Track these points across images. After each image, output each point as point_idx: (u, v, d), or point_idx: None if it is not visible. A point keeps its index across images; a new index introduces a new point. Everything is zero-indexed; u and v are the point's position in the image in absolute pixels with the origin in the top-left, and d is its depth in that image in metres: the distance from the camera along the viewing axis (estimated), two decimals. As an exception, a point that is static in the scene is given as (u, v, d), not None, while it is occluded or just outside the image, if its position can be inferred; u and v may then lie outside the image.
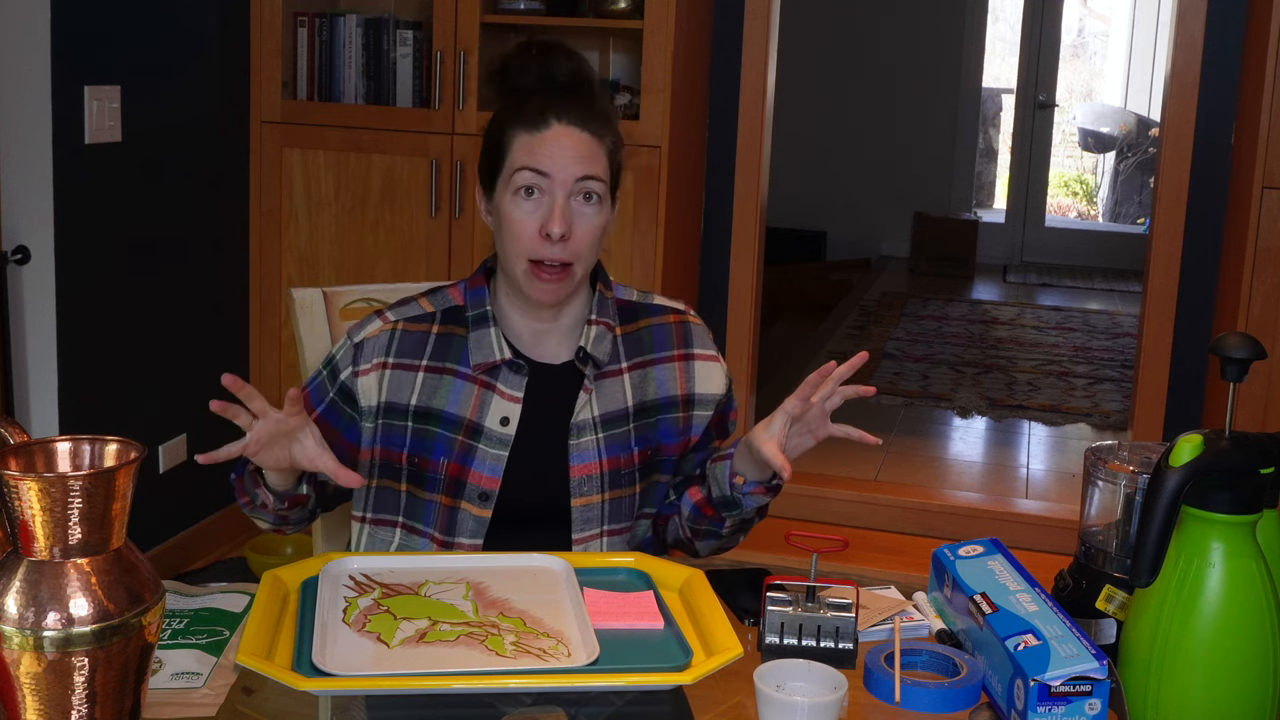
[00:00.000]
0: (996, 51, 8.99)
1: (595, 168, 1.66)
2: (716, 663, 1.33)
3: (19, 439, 1.21)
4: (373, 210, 3.56)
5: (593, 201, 1.66)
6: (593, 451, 1.71)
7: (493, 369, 1.70)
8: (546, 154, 1.64)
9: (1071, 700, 1.28)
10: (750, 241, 3.77)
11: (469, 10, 3.42)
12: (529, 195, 1.65)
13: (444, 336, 1.72)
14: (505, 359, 1.69)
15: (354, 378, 1.70)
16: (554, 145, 1.64)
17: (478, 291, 1.73)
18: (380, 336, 1.71)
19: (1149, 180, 8.45)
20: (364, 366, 1.69)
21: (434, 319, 1.73)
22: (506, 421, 1.69)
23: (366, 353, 1.70)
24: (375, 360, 1.69)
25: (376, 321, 1.73)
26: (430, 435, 1.69)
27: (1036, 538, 3.56)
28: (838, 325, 6.37)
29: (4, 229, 2.90)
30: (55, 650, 1.10)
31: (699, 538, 1.74)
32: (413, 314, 1.73)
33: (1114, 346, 6.17)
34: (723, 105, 3.76)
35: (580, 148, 1.65)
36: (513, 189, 1.66)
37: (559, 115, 1.65)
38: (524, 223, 1.65)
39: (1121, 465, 1.54)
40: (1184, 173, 3.52)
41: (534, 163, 1.64)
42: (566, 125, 1.65)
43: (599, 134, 1.67)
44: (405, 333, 1.71)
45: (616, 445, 1.72)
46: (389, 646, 1.36)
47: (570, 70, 1.69)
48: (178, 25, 3.29)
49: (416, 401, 1.69)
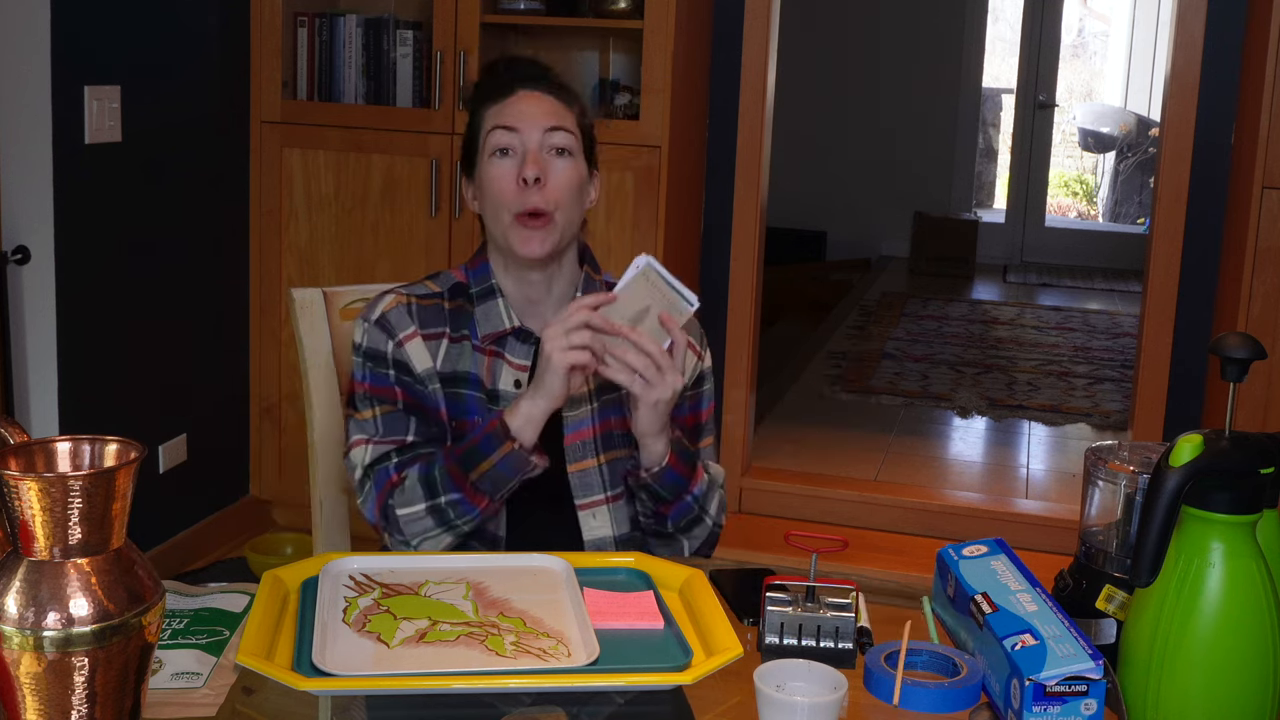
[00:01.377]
0: (996, 51, 8.99)
1: (564, 121, 1.74)
2: (717, 663, 1.33)
3: (19, 439, 1.21)
4: (373, 210, 3.56)
5: (564, 156, 1.73)
6: (587, 420, 1.77)
7: (500, 339, 1.75)
8: (514, 112, 1.73)
9: (1067, 700, 1.28)
10: (750, 241, 3.77)
11: (469, 10, 3.42)
12: (504, 155, 1.72)
13: (456, 310, 1.77)
14: (515, 327, 1.75)
15: (399, 348, 1.74)
16: (521, 104, 1.74)
17: (480, 268, 1.79)
18: (399, 308, 1.76)
19: (1149, 180, 8.45)
20: (402, 335, 1.74)
21: (442, 295, 1.78)
22: (519, 385, 1.74)
23: (395, 323, 1.74)
24: (409, 329, 1.74)
25: (388, 297, 1.78)
26: (461, 398, 1.74)
27: (1036, 538, 3.56)
28: (838, 325, 6.37)
29: (4, 229, 2.90)
30: (55, 650, 1.10)
31: (650, 534, 1.78)
32: (421, 292, 1.79)
33: (1114, 346, 6.17)
34: (723, 105, 3.76)
35: (545, 104, 1.74)
36: (488, 153, 1.73)
37: (523, 84, 1.76)
38: (501, 178, 1.72)
39: (1121, 465, 1.54)
40: (1184, 173, 3.52)
41: (503, 120, 1.72)
42: (530, 90, 1.75)
43: (564, 99, 1.76)
44: (421, 306, 1.76)
45: (609, 409, 1.78)
46: (389, 646, 1.36)
47: (533, 63, 1.81)
48: (178, 25, 3.29)
49: (441, 367, 1.74)
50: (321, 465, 1.95)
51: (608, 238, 3.41)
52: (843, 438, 4.45)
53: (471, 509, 1.66)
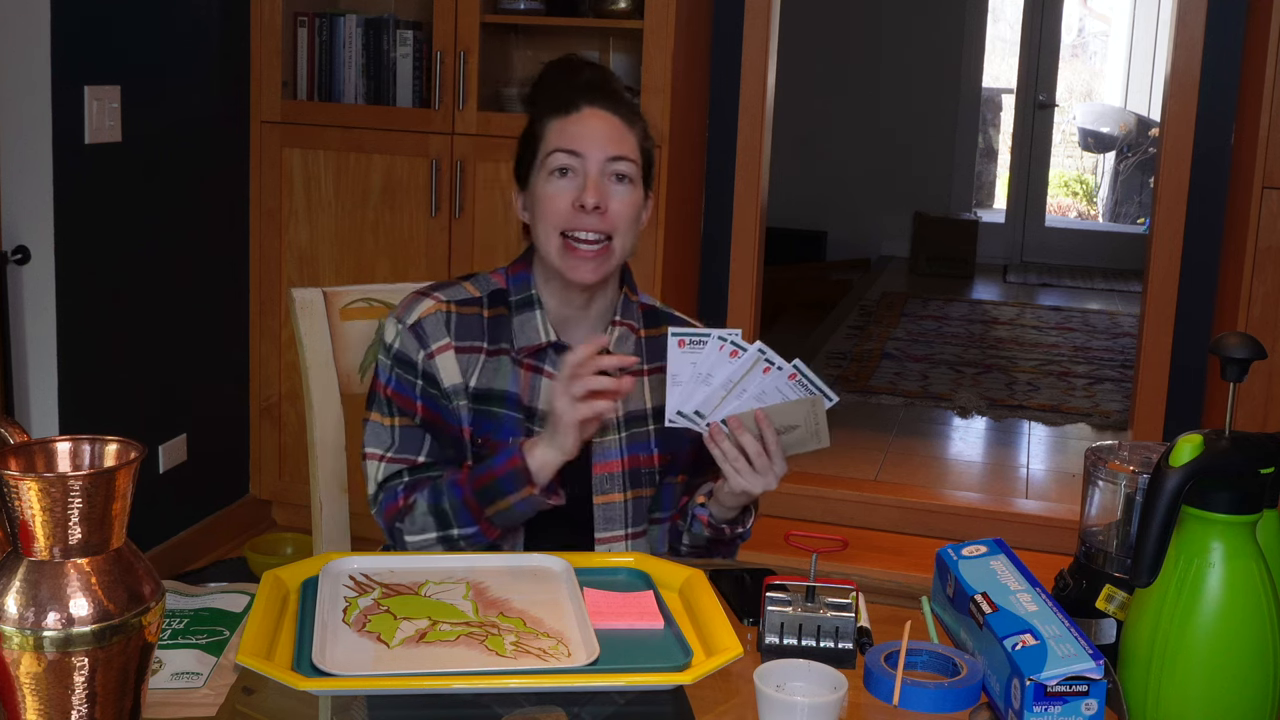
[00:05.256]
0: (996, 51, 8.99)
1: (626, 149, 1.70)
2: (717, 662, 1.33)
3: (19, 439, 1.21)
4: (373, 210, 3.56)
5: (625, 183, 1.70)
6: (615, 451, 1.74)
7: (539, 352, 1.72)
8: (578, 134, 1.69)
9: (1068, 700, 1.28)
10: (750, 241, 3.77)
11: (469, 10, 3.42)
12: (563, 175, 1.69)
13: (495, 320, 1.74)
14: (552, 341, 1.72)
15: (429, 360, 1.71)
16: (585, 125, 1.69)
17: (520, 276, 1.76)
18: (436, 316, 1.72)
19: (1149, 180, 8.45)
20: (434, 347, 1.71)
21: (482, 303, 1.75)
22: None
23: (430, 333, 1.71)
24: (442, 341, 1.71)
25: (426, 301, 1.74)
26: (494, 416, 1.71)
27: (1036, 538, 3.56)
28: (838, 325, 6.36)
29: (4, 229, 2.90)
30: (55, 650, 1.10)
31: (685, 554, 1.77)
32: (461, 297, 1.75)
33: (1114, 346, 6.17)
34: (723, 105, 3.76)
35: (611, 129, 1.70)
36: (547, 171, 1.69)
37: (590, 100, 1.70)
38: (557, 198, 1.68)
39: (1121, 465, 1.54)
40: (1184, 173, 3.52)
41: (566, 143, 1.68)
42: (596, 108, 1.70)
43: (628, 119, 1.72)
44: (460, 315, 1.73)
45: (638, 444, 1.75)
46: (389, 646, 1.36)
47: (599, 73, 1.76)
48: (178, 25, 3.29)
49: (476, 384, 1.71)
50: (321, 465, 1.95)
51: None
52: (843, 438, 4.44)
53: (483, 539, 1.66)
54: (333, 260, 3.60)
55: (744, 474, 1.61)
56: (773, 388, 1.60)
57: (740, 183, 3.75)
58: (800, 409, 1.61)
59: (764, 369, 1.59)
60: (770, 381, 1.60)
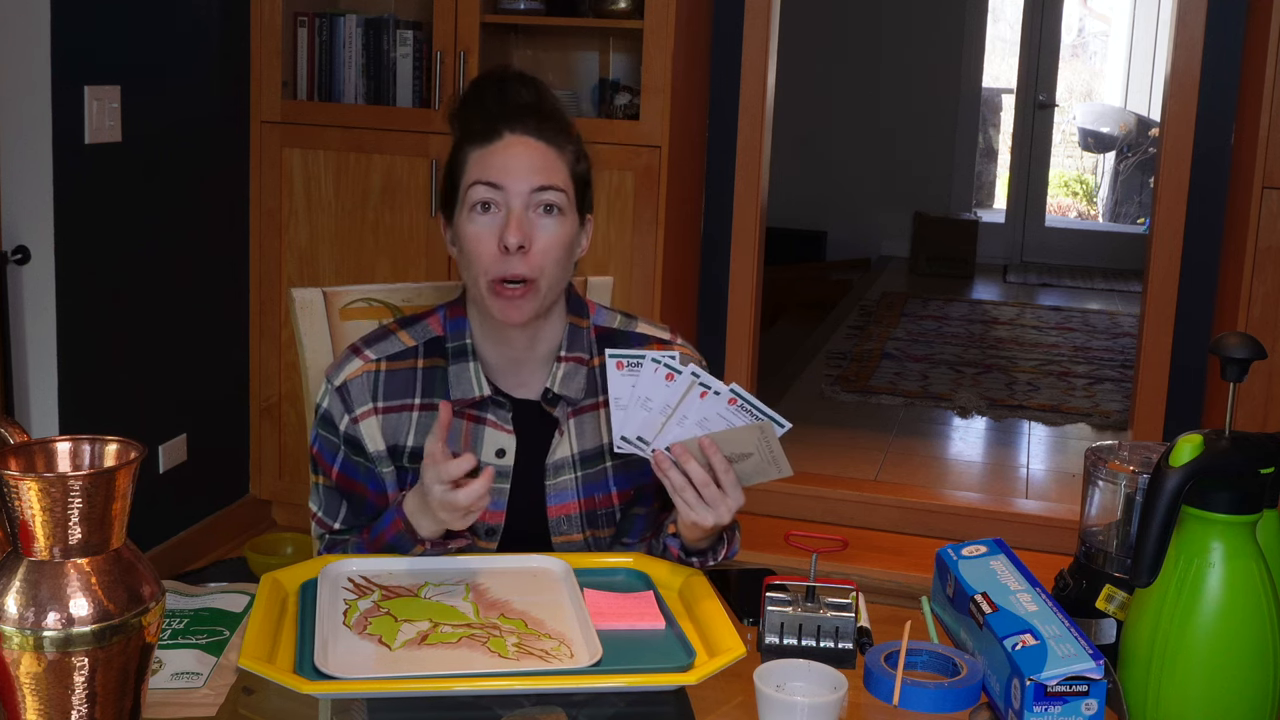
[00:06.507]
0: (996, 51, 8.99)
1: (553, 177, 1.59)
2: (720, 663, 1.33)
3: (19, 439, 1.21)
4: (373, 210, 3.56)
5: (553, 214, 1.59)
6: (571, 491, 1.68)
7: (477, 403, 1.66)
8: (499, 165, 1.58)
9: (1068, 700, 1.28)
10: (750, 241, 3.77)
11: (469, 10, 3.42)
12: (485, 210, 1.58)
13: (430, 371, 1.67)
14: (485, 395, 1.65)
15: (353, 425, 1.65)
16: (506, 155, 1.58)
17: (458, 322, 1.67)
18: (363, 378, 1.65)
19: (1149, 180, 8.45)
20: (358, 412, 1.64)
21: (416, 353, 1.67)
22: (503, 453, 1.66)
23: (355, 397, 1.65)
24: (366, 406, 1.64)
25: (355, 361, 1.66)
26: None
27: (1036, 538, 3.56)
28: (838, 325, 6.36)
29: (4, 229, 2.90)
30: (55, 650, 1.10)
31: None
32: (394, 350, 1.67)
33: (1114, 346, 6.17)
34: (723, 105, 3.76)
35: (535, 157, 1.59)
36: (468, 206, 1.59)
37: (511, 126, 1.59)
38: (480, 238, 1.58)
39: (1121, 465, 1.54)
40: (1184, 173, 3.52)
41: (486, 175, 1.58)
42: (519, 135, 1.59)
43: (556, 143, 1.61)
44: (390, 373, 1.66)
45: (595, 485, 1.69)
46: (390, 649, 1.36)
47: (527, 93, 1.64)
48: (178, 25, 3.29)
49: (413, 442, 1.65)
50: (321, 465, 1.94)
51: (608, 237, 3.41)
52: (843, 438, 4.45)
53: None
54: (333, 260, 3.60)
55: (694, 505, 1.49)
56: (714, 413, 1.49)
57: (740, 183, 3.75)
58: (749, 435, 1.49)
59: (700, 394, 1.48)
60: (710, 407, 1.48)
